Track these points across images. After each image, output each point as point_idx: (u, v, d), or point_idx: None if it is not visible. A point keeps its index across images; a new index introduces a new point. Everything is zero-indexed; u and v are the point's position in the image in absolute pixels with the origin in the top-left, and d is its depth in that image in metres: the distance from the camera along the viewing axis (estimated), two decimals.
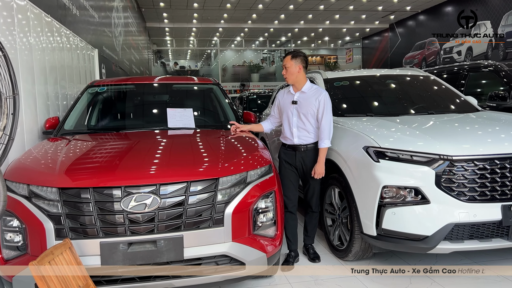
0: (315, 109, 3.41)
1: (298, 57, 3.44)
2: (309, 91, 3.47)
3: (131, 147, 3.00)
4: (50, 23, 4.61)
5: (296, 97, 3.49)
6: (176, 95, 4.30)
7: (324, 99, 3.40)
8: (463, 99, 4.42)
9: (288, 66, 3.44)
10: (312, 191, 3.55)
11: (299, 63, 3.44)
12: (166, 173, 2.57)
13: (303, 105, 3.44)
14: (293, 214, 3.55)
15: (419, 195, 3.00)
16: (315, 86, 3.53)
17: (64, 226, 2.42)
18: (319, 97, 3.41)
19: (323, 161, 3.40)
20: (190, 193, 2.51)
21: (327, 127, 3.38)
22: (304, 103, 3.45)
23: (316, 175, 3.40)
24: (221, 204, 2.57)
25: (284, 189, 3.46)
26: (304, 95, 3.47)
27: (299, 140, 3.48)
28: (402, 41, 21.32)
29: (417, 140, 3.14)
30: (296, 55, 3.45)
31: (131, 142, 3.21)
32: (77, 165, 2.64)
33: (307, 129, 3.45)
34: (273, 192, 2.86)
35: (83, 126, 3.75)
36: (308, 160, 3.48)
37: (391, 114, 3.99)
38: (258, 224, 2.76)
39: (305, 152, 3.47)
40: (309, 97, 3.44)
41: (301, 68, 3.45)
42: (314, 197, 3.57)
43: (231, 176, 2.66)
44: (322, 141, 3.38)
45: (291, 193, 3.54)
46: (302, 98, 3.47)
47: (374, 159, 3.12)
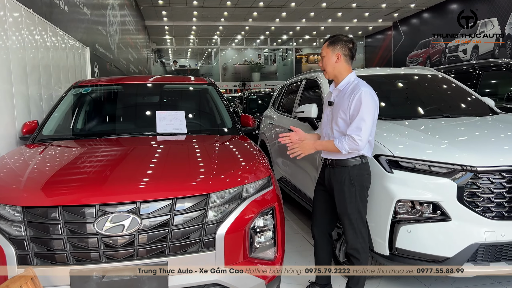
0: (346, 113, 2.55)
1: (338, 43, 2.62)
2: (346, 88, 2.61)
3: (110, 157, 2.65)
4: (33, 18, 4.27)
5: (333, 97, 2.70)
6: (167, 96, 3.94)
7: (359, 98, 2.48)
8: (479, 101, 4.06)
9: (324, 55, 2.66)
10: (344, 226, 2.66)
11: (338, 50, 2.62)
12: (148, 188, 2.22)
13: (337, 107, 2.62)
14: (320, 242, 2.88)
15: (438, 211, 2.65)
16: (356, 81, 2.61)
17: (28, 251, 2.07)
18: (354, 95, 2.51)
19: (318, 148, 2.63)
20: (176, 212, 2.16)
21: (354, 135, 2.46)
22: (338, 104, 2.62)
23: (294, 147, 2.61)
24: (212, 224, 2.22)
25: (313, 212, 2.89)
26: (340, 94, 2.63)
27: (326, 154, 2.69)
28: (405, 39, 20.96)
29: (435, 147, 2.79)
30: (334, 40, 2.64)
31: (111, 151, 2.86)
32: (46, 179, 2.29)
33: None
34: (273, 208, 2.50)
35: (63, 132, 3.39)
36: (335, 180, 2.64)
37: (401, 117, 3.63)
38: (255, 246, 2.41)
39: (332, 170, 2.68)
40: (345, 97, 2.58)
41: (340, 56, 2.61)
42: (348, 232, 2.64)
43: (225, 191, 2.31)
44: (341, 140, 2.51)
45: (317, 217, 2.86)
46: (338, 98, 2.65)
47: (387, 170, 2.77)
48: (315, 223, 2.88)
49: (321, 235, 2.87)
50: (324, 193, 2.81)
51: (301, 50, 26.97)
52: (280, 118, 5.53)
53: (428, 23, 18.91)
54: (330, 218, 2.85)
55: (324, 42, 2.71)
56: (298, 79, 5.30)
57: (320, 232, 2.87)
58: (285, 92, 5.87)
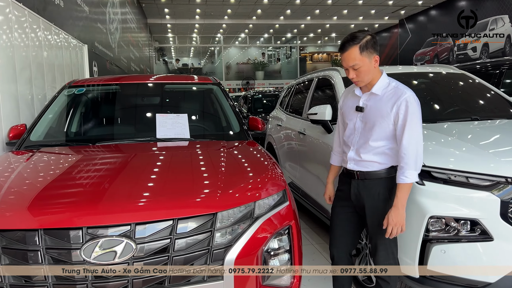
0: (391, 121, 2.19)
1: (369, 44, 2.14)
2: (384, 91, 2.23)
3: (101, 169, 2.31)
4: (23, 12, 3.95)
5: (363, 101, 2.30)
6: (168, 97, 3.60)
7: (406, 104, 2.12)
8: (508, 102, 3.71)
9: (361, 65, 2.14)
10: (376, 245, 2.31)
11: (373, 52, 2.16)
12: (145, 207, 1.89)
13: (372, 113, 2.24)
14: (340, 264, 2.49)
15: (478, 229, 2.31)
16: (393, 83, 2.24)
17: (2, 283, 1.75)
18: (398, 100, 2.15)
19: (405, 205, 2.15)
20: (177, 235, 1.84)
21: (412, 150, 2.12)
22: (374, 110, 2.24)
23: (389, 227, 2.15)
24: (220, 249, 1.90)
25: (331, 231, 2.51)
26: (376, 99, 2.24)
27: (358, 166, 2.32)
28: (412, 37, 20.57)
29: (472, 156, 2.44)
30: (366, 43, 2.13)
31: (103, 161, 2.53)
32: (26, 196, 1.96)
33: (374, 151, 2.27)
34: (289, 227, 2.17)
35: (53, 137, 3.06)
36: (367, 195, 2.29)
37: (425, 120, 3.27)
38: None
39: (362, 183, 2.31)
40: (383, 102, 2.21)
41: (378, 59, 2.20)
42: (379, 256, 2.30)
43: (234, 209, 1.99)
44: (403, 172, 2.13)
45: (337, 238, 2.47)
46: (372, 103, 2.26)
47: (418, 181, 2.43)
48: (335, 244, 2.50)
49: (342, 256, 2.50)
50: (348, 210, 2.43)
51: (305, 48, 26.62)
52: (288, 120, 5.20)
53: (435, 21, 18.51)
54: (352, 238, 2.50)
55: (346, 47, 2.15)
56: (309, 78, 4.96)
57: (340, 253, 2.50)
58: (294, 92, 5.53)
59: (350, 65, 2.16)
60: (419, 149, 2.15)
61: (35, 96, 4.09)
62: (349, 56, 2.14)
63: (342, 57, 2.19)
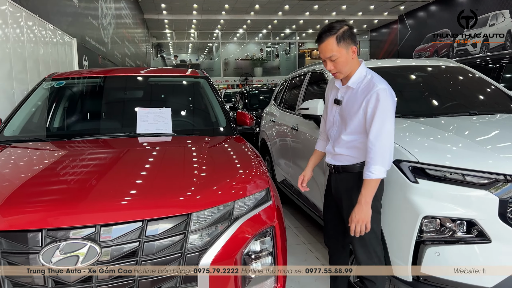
0: (362, 115, 2.11)
1: (346, 35, 2.06)
2: (359, 84, 2.14)
3: (68, 166, 2.15)
4: (3, 2, 3.79)
5: (341, 94, 2.23)
6: (152, 91, 3.43)
7: (376, 98, 2.04)
8: (508, 96, 3.55)
9: (338, 56, 2.07)
10: (354, 243, 2.22)
11: (350, 43, 2.09)
12: (111, 207, 1.73)
13: (348, 107, 2.18)
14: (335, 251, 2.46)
15: (474, 231, 2.16)
16: (369, 76, 2.14)
17: None
18: (368, 94, 2.07)
19: (369, 202, 2.06)
20: (146, 238, 1.69)
21: (379, 144, 2.04)
22: (349, 103, 2.17)
23: (352, 224, 2.08)
24: (194, 253, 1.75)
25: (324, 222, 2.49)
26: (351, 92, 2.17)
27: (334, 160, 2.29)
28: (412, 33, 20.41)
29: (470, 152, 2.29)
30: (343, 34, 2.06)
31: (72, 157, 2.36)
32: None
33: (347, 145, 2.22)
34: (272, 228, 2.02)
35: (27, 132, 2.90)
36: (344, 189, 2.26)
37: (421, 114, 3.13)
38: (249, 276, 1.94)
39: (339, 176, 2.27)
40: (357, 95, 2.13)
41: (355, 50, 2.13)
42: (360, 251, 2.21)
43: (211, 209, 1.84)
44: (369, 167, 2.05)
45: (329, 231, 2.45)
46: (348, 96, 2.19)
47: (411, 179, 2.28)
48: (328, 236, 2.50)
49: (337, 246, 2.50)
50: (335, 204, 2.40)
51: (304, 44, 26.39)
52: (282, 115, 5.04)
53: (435, 16, 18.34)
54: (344, 229, 2.39)
55: (323, 38, 2.07)
56: (302, 72, 4.80)
57: (335, 243, 2.49)
58: (288, 87, 5.37)
59: (327, 56, 2.10)
60: (387, 144, 2.06)
61: (15, 90, 3.93)
62: (326, 47, 2.08)
63: (319, 48, 2.12)
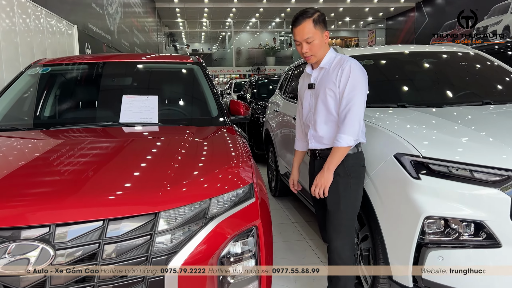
0: (337, 89, 2.15)
1: (320, 19, 2.16)
2: (330, 64, 2.21)
3: (33, 159, 1.98)
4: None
5: (314, 78, 2.28)
6: (141, 78, 3.24)
7: (348, 69, 2.12)
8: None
9: (315, 38, 2.14)
10: (330, 225, 2.22)
11: (324, 27, 2.19)
12: (68, 204, 1.56)
13: (322, 86, 2.22)
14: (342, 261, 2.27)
15: (482, 233, 1.94)
16: (339, 56, 2.23)
17: None
18: (341, 67, 2.15)
19: (332, 169, 2.13)
20: (107, 240, 1.51)
21: (349, 114, 2.09)
22: (322, 82, 2.22)
23: (313, 186, 2.18)
24: (161, 257, 1.57)
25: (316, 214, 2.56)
26: (324, 72, 2.23)
27: (316, 143, 2.28)
28: (429, 21, 19.81)
29: (479, 146, 2.05)
30: (318, 18, 2.15)
31: (41, 149, 2.20)
32: None
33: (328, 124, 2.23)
34: (254, 229, 1.83)
35: (7, 120, 2.75)
36: None
37: (429, 104, 2.88)
38: (228, 281, 1.76)
39: (323, 162, 2.22)
40: (330, 73, 2.19)
41: (327, 34, 2.25)
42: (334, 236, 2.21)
43: (183, 207, 1.65)
44: (337, 136, 2.11)
45: (322, 222, 2.39)
46: (321, 76, 2.25)
47: (412, 175, 2.05)
48: (322, 228, 2.46)
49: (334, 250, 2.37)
50: None
51: None
52: (285, 105, 4.82)
53: (453, 3, 17.71)
54: None
55: (297, 22, 2.16)
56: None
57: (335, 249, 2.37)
58: (293, 75, 5.14)
59: (305, 38, 2.16)
60: (357, 114, 2.11)
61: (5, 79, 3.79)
62: (303, 30, 2.15)
63: (296, 31, 2.19)
